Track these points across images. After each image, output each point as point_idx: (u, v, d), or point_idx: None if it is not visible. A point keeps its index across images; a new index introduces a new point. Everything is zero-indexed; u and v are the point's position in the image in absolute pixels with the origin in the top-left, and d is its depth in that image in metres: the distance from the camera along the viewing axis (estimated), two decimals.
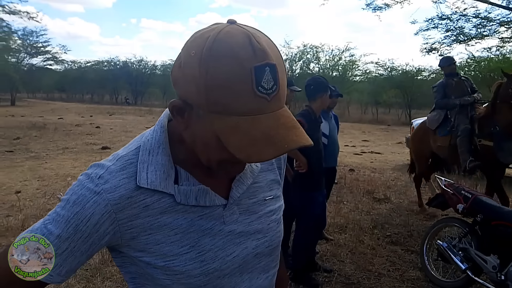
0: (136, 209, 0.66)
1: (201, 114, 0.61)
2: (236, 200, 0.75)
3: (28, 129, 13.45)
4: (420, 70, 25.75)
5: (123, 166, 0.67)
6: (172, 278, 0.68)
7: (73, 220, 0.63)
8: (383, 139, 15.19)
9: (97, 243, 0.66)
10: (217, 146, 0.61)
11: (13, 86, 33.21)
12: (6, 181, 6.22)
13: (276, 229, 0.81)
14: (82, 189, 0.64)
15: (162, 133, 0.70)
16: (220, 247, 0.71)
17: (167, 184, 0.67)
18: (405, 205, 5.47)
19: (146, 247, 0.67)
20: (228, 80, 0.56)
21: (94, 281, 3.05)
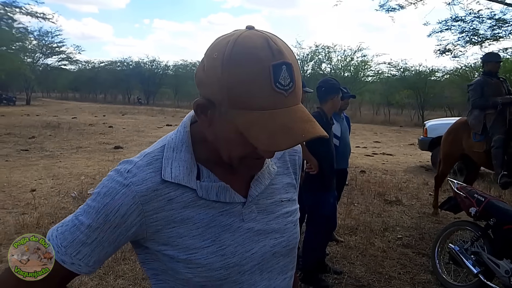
0: (161, 202, 0.70)
1: (223, 111, 0.65)
2: (254, 199, 0.78)
3: (43, 128, 13.71)
4: (433, 70, 25.44)
5: (149, 162, 0.72)
6: (194, 271, 0.71)
7: (103, 210, 0.68)
8: (395, 140, 15.04)
9: (124, 234, 0.70)
10: (239, 141, 0.66)
11: (29, 85, 33.94)
12: (21, 179, 6.35)
13: (292, 230, 0.83)
14: (112, 182, 0.70)
15: (185, 133, 0.75)
16: (239, 243, 0.74)
17: (190, 179, 0.72)
18: (417, 208, 5.42)
19: (170, 240, 0.71)
20: (248, 78, 0.61)
21: (107, 279, 3.11)
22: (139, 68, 42.82)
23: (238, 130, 0.64)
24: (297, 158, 0.91)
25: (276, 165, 0.85)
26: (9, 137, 11.28)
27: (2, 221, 4.31)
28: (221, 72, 0.62)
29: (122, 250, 3.54)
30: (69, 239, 0.69)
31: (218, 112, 0.66)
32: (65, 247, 0.69)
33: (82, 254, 0.69)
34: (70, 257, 0.69)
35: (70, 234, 0.69)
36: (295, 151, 0.91)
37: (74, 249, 0.69)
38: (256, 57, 0.61)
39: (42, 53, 35.62)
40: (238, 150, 0.68)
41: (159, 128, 15.81)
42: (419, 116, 25.71)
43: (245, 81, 0.61)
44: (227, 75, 0.62)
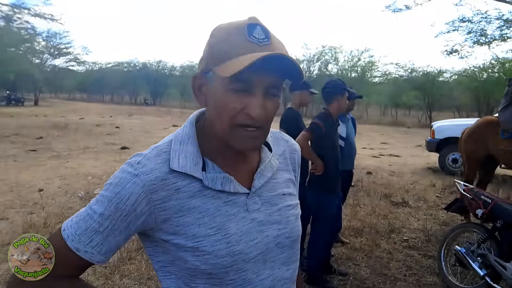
0: (169, 191, 0.74)
1: (212, 77, 0.73)
2: (257, 191, 0.82)
3: (50, 129, 13.85)
4: (441, 71, 25.26)
5: (158, 154, 0.76)
6: (201, 258, 0.74)
7: (115, 199, 0.72)
8: (402, 141, 14.94)
9: (134, 223, 0.73)
10: (226, 101, 0.71)
11: (37, 86, 34.32)
12: (29, 179, 6.42)
13: (294, 222, 0.87)
14: (123, 173, 0.74)
15: (191, 128, 0.81)
16: (244, 231, 0.77)
17: (196, 170, 0.76)
18: (424, 209, 5.39)
19: (177, 229, 0.74)
20: (226, 35, 0.72)
21: (112, 278, 3.13)
22: (146, 69, 43.10)
23: (223, 86, 0.71)
24: (296, 157, 0.96)
25: (278, 160, 0.90)
26: (17, 138, 11.41)
27: (11, 221, 4.36)
28: (208, 41, 0.74)
29: (128, 250, 3.57)
30: (83, 227, 0.73)
31: (209, 83, 0.74)
32: (79, 235, 0.72)
33: (95, 242, 0.72)
34: (83, 245, 0.72)
35: (84, 222, 0.73)
36: (294, 150, 0.96)
37: (88, 237, 0.72)
38: (235, 22, 0.74)
39: (50, 54, 36.08)
40: (227, 112, 0.72)
41: (165, 129, 15.88)
42: (427, 117, 25.54)
43: (223, 38, 0.72)
44: (211, 39, 0.74)
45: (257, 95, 0.71)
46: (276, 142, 0.93)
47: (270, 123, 0.77)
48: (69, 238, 0.73)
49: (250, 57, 0.67)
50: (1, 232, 3.98)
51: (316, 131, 2.97)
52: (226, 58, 0.69)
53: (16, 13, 20.03)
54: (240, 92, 0.71)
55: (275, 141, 0.93)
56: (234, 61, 0.68)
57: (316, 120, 3.01)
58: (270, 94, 0.73)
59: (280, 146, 0.93)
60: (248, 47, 0.69)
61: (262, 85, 0.71)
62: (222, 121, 0.73)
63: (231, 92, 0.71)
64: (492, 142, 4.64)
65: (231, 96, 0.71)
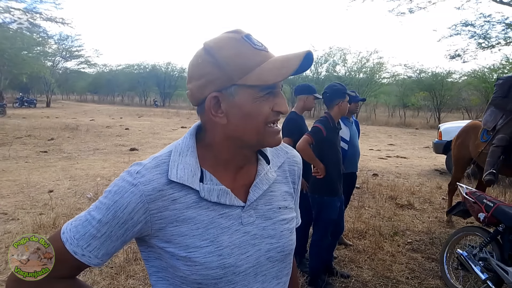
0: (166, 201, 0.76)
1: (232, 92, 0.76)
2: (253, 204, 0.84)
3: (61, 130, 14.07)
4: (450, 72, 24.99)
5: (157, 164, 0.78)
6: (192, 269, 0.76)
7: (113, 207, 0.75)
8: (410, 143, 14.84)
9: (131, 230, 0.76)
10: (256, 108, 0.77)
11: (49, 88, 34.86)
12: (40, 180, 6.56)
13: (288, 236, 0.88)
14: (123, 182, 0.76)
15: (191, 139, 0.83)
16: (236, 245, 0.79)
17: (193, 181, 0.78)
18: (429, 212, 5.37)
19: (172, 238, 0.77)
20: (233, 51, 0.76)
21: (118, 278, 3.20)
22: (156, 71, 43.44)
23: (251, 96, 0.76)
24: (297, 169, 0.96)
25: (276, 173, 0.90)
26: (29, 139, 11.63)
27: (21, 221, 4.47)
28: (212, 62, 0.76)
29: (133, 251, 3.64)
30: (81, 232, 0.75)
31: (227, 98, 0.77)
32: (77, 240, 0.75)
33: (92, 247, 0.75)
34: (81, 249, 0.75)
35: (82, 228, 0.76)
36: (295, 162, 0.96)
37: (85, 241, 0.75)
38: (229, 37, 0.77)
39: (62, 57, 36.59)
40: (262, 116, 0.78)
41: (173, 130, 16.01)
42: (435, 118, 25.29)
43: (234, 53, 0.75)
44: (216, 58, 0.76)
45: (280, 92, 0.80)
46: (276, 153, 0.93)
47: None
48: (68, 242, 0.76)
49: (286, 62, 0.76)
50: (12, 232, 4.08)
51: (317, 135, 3.01)
52: (248, 69, 0.75)
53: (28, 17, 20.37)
54: (268, 95, 0.78)
55: (275, 152, 0.93)
56: (264, 69, 0.75)
57: (317, 124, 3.04)
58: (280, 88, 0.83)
59: (279, 158, 0.93)
60: (261, 54, 0.77)
61: (280, 83, 0.80)
62: (255, 127, 0.78)
63: (262, 99, 0.77)
64: (472, 145, 4.74)
65: (262, 101, 0.77)
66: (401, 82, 28.27)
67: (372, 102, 32.06)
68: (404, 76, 27.58)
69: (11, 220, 4.52)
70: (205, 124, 0.83)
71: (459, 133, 5.14)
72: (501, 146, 4.19)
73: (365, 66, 27.77)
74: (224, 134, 0.80)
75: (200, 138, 0.83)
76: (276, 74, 0.74)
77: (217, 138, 0.81)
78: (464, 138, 4.96)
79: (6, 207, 5.01)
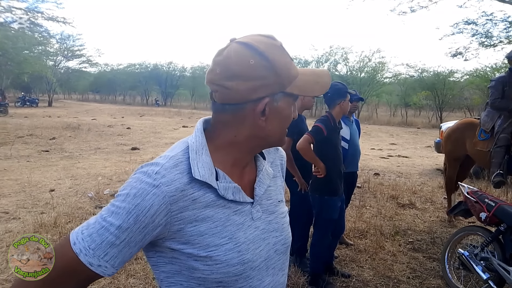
0: (187, 201, 0.75)
1: (278, 97, 0.80)
2: (259, 199, 0.86)
3: (63, 130, 14.10)
4: (452, 71, 24.94)
5: (175, 164, 0.76)
6: (213, 268, 0.76)
7: (134, 211, 0.70)
8: (412, 142, 14.81)
9: (150, 234, 0.73)
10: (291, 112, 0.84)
11: (51, 87, 34.95)
12: (41, 179, 6.57)
13: (287, 229, 0.92)
14: (141, 183, 0.72)
15: (203, 138, 0.82)
16: (251, 240, 0.81)
17: (212, 179, 0.78)
18: (431, 211, 5.36)
19: (191, 238, 0.76)
20: (284, 58, 0.80)
21: (118, 278, 3.20)
22: (157, 70, 43.51)
23: (289, 102, 0.82)
24: (283, 163, 1.02)
25: (271, 168, 0.94)
26: (31, 138, 11.65)
27: (22, 220, 4.48)
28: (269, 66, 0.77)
29: None
30: (98, 241, 0.70)
31: (273, 102, 0.80)
32: (93, 250, 0.70)
33: (109, 256, 0.70)
34: (98, 259, 0.70)
35: (98, 236, 0.70)
36: (282, 157, 1.01)
37: (103, 251, 0.70)
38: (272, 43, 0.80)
39: (63, 56, 36.69)
40: (289, 121, 0.85)
41: (175, 130, 16.02)
42: (437, 118, 25.25)
43: (286, 63, 0.80)
44: (275, 65, 0.77)
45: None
46: (267, 150, 0.96)
47: None
48: (82, 253, 0.70)
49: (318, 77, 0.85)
50: (13, 231, 4.09)
51: (317, 134, 3.00)
52: (293, 79, 0.80)
53: (29, 17, 20.43)
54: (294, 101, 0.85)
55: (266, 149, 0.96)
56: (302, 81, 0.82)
57: (318, 124, 3.04)
58: None
59: (271, 154, 0.97)
60: (295, 66, 0.83)
61: None
62: (283, 130, 0.85)
63: (292, 104, 0.84)
64: (469, 143, 4.70)
65: (292, 107, 0.84)
66: (403, 81, 28.24)
67: (374, 101, 32.00)
68: (406, 75, 27.57)
69: (12, 219, 4.53)
70: (224, 123, 0.82)
71: (453, 130, 5.07)
72: (504, 146, 4.18)
73: (367, 66, 27.73)
74: (251, 134, 0.82)
75: (208, 136, 0.83)
76: (313, 89, 0.83)
77: (241, 137, 0.82)
78: (459, 135, 4.89)
79: (7, 206, 5.01)
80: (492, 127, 4.40)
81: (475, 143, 4.61)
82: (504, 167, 4.14)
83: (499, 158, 4.18)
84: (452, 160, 5.10)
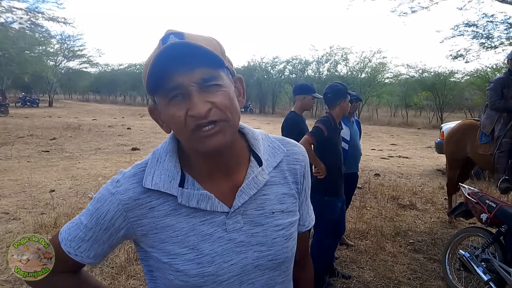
0: (143, 209, 0.76)
1: (157, 101, 0.76)
2: (239, 209, 0.78)
3: (63, 130, 14.10)
4: (453, 72, 24.92)
5: (135, 173, 0.79)
6: (174, 274, 0.76)
7: (95, 214, 0.78)
8: (412, 143, 14.80)
9: (115, 235, 0.79)
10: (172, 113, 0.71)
11: (51, 88, 34.99)
12: (42, 180, 6.57)
13: (283, 244, 0.81)
14: (105, 190, 0.79)
15: (171, 143, 0.81)
16: (218, 253, 0.76)
17: (171, 186, 0.76)
18: (431, 212, 5.35)
19: (154, 244, 0.78)
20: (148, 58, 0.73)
21: (119, 278, 3.20)
22: None
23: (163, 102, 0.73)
24: (299, 167, 0.88)
25: (271, 174, 0.83)
26: (31, 139, 11.66)
27: (22, 221, 4.48)
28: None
29: (134, 251, 3.63)
30: (73, 235, 0.80)
31: (158, 107, 0.77)
32: (70, 241, 0.80)
33: (82, 249, 0.79)
34: (73, 249, 0.79)
35: (74, 230, 0.80)
36: (296, 160, 0.88)
37: (76, 243, 0.79)
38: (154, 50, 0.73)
39: (64, 57, 36.71)
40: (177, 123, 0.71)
41: None
42: (438, 118, 25.23)
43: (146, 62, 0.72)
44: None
45: (192, 93, 0.69)
46: (272, 153, 0.86)
47: (230, 113, 0.73)
48: (63, 242, 0.80)
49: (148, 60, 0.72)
50: (13, 232, 4.08)
51: (318, 135, 2.99)
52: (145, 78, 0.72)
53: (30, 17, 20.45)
54: (176, 98, 0.70)
55: (272, 151, 0.86)
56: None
57: (318, 124, 3.03)
58: (207, 87, 0.71)
59: (276, 157, 0.85)
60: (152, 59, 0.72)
61: (191, 82, 0.69)
62: (181, 134, 0.73)
63: (171, 105, 0.71)
64: (470, 145, 4.69)
65: (172, 108, 0.71)
66: (404, 81, 28.21)
67: (375, 102, 32.00)
68: (407, 75, 27.53)
69: (12, 220, 4.52)
70: None
71: (454, 131, 5.06)
72: (507, 151, 4.17)
73: (368, 66, 27.73)
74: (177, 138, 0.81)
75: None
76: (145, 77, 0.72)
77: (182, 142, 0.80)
78: (460, 136, 4.89)
79: (7, 206, 5.01)
80: (492, 129, 4.39)
81: (476, 147, 4.59)
82: (508, 172, 4.12)
83: (503, 164, 4.17)
84: (452, 162, 5.09)
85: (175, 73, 0.69)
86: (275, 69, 32.81)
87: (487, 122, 4.47)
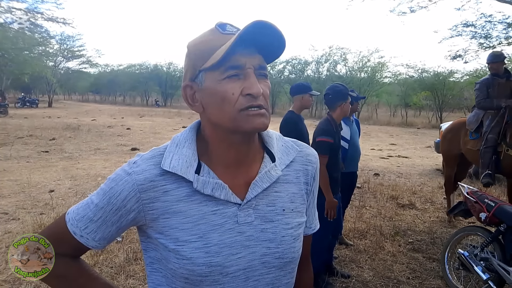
0: (157, 192, 0.76)
1: (202, 78, 0.76)
2: (251, 202, 0.79)
3: (63, 130, 14.09)
4: (452, 72, 24.96)
5: (153, 155, 0.79)
6: (180, 262, 0.75)
7: (108, 193, 0.78)
8: (412, 142, 14.81)
9: (125, 217, 0.78)
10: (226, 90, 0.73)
11: (51, 88, 34.97)
12: (41, 180, 6.57)
13: (291, 243, 0.82)
14: (120, 170, 0.79)
15: (190, 132, 0.83)
16: (226, 244, 0.76)
17: (188, 172, 0.76)
18: (431, 212, 5.35)
19: (163, 229, 0.77)
20: (202, 38, 0.77)
21: (118, 278, 3.20)
22: (157, 71, 43.53)
23: (214, 79, 0.74)
24: (310, 169, 0.89)
25: (283, 172, 0.84)
26: (31, 139, 11.65)
27: (21, 221, 4.47)
28: (186, 54, 0.79)
29: (133, 251, 3.64)
30: (81, 214, 0.80)
31: (198, 85, 0.77)
32: (77, 221, 0.79)
33: (89, 229, 0.79)
34: (79, 230, 0.79)
35: (82, 210, 0.80)
36: (308, 161, 0.89)
37: (83, 223, 0.79)
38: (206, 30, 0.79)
39: (63, 57, 36.72)
40: (229, 100, 0.73)
41: (175, 130, 16.00)
42: (437, 118, 25.25)
43: (200, 41, 0.77)
44: (188, 51, 0.79)
45: (251, 74, 0.74)
46: (285, 151, 0.87)
47: (268, 104, 0.79)
48: (69, 222, 0.80)
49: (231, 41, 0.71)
50: (12, 232, 4.09)
51: (328, 149, 2.99)
52: (209, 54, 0.74)
53: (29, 17, 20.44)
54: (233, 77, 0.73)
55: (285, 150, 0.87)
56: (218, 52, 0.72)
57: (322, 138, 3.00)
58: (260, 75, 0.76)
59: (289, 155, 0.87)
60: (226, 38, 0.74)
61: (251, 65, 0.74)
62: (226, 112, 0.74)
63: (225, 81, 0.73)
64: (462, 141, 4.84)
65: (227, 85, 0.73)
66: (403, 81, 28.26)
67: (374, 101, 32.03)
68: (406, 75, 27.58)
69: (11, 220, 4.52)
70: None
71: (448, 130, 5.22)
72: (492, 147, 4.30)
73: (366, 66, 27.75)
74: (208, 122, 0.79)
75: (202, 131, 0.83)
76: (223, 50, 0.71)
77: (207, 130, 0.81)
78: (454, 133, 5.03)
79: (7, 206, 5.01)
80: (478, 126, 4.56)
81: (466, 142, 4.76)
82: (492, 166, 4.25)
83: (487, 159, 4.31)
84: (448, 159, 5.20)
85: (244, 54, 0.73)
86: (275, 69, 32.82)
87: (473, 120, 4.67)
